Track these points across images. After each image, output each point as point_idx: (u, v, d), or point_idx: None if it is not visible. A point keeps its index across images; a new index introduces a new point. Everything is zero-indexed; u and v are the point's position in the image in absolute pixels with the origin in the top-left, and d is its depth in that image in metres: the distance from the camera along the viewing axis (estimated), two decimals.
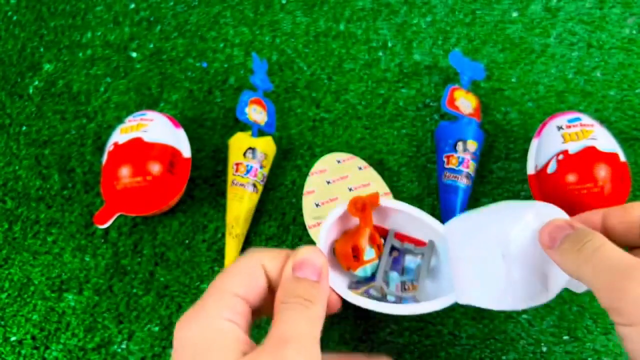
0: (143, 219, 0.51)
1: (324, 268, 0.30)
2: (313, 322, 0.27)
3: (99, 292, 0.48)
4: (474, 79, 0.53)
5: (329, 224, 0.38)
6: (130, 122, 0.49)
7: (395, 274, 0.40)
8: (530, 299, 0.35)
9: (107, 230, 0.51)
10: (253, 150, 0.49)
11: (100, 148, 0.55)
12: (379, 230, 0.41)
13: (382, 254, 0.39)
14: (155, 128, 0.49)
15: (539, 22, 0.58)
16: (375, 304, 0.36)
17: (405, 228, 0.41)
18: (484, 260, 0.36)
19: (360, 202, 0.38)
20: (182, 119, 0.55)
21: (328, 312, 0.31)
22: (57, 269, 0.49)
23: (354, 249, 0.38)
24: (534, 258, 0.34)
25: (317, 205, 0.46)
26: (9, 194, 0.53)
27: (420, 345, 0.44)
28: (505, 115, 0.53)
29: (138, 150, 0.47)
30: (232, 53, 0.59)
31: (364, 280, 0.39)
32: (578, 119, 0.46)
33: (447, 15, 0.59)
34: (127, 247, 0.50)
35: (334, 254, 0.40)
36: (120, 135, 0.48)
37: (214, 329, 0.26)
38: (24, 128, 0.56)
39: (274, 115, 0.53)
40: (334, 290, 0.35)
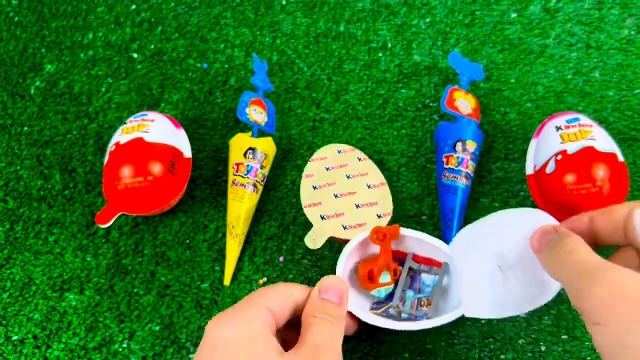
0: (144, 219, 0.51)
1: (345, 294, 0.35)
2: (338, 335, 0.32)
3: (100, 291, 0.48)
4: (473, 80, 0.53)
5: (351, 248, 0.42)
6: (132, 122, 0.50)
7: (412, 292, 0.44)
8: (530, 303, 0.37)
9: (108, 230, 0.51)
10: (253, 151, 0.49)
11: (102, 148, 0.55)
12: (399, 254, 0.45)
13: (399, 278, 0.43)
14: (156, 128, 0.49)
15: (538, 22, 0.58)
16: (391, 323, 0.40)
17: (422, 251, 0.44)
18: (483, 273, 0.39)
19: (382, 233, 0.42)
20: (183, 120, 0.55)
21: (345, 333, 0.35)
22: (58, 269, 0.50)
23: (370, 273, 0.42)
24: (530, 264, 0.36)
25: (314, 188, 0.47)
26: (11, 194, 0.54)
27: (419, 345, 0.44)
28: (504, 116, 0.53)
29: (139, 151, 0.47)
30: (232, 54, 0.59)
31: (384, 300, 0.43)
32: (577, 120, 0.47)
33: (446, 16, 0.59)
34: (128, 246, 0.50)
35: (356, 274, 0.44)
36: (122, 136, 0.49)
37: (252, 329, 0.29)
38: (26, 128, 0.57)
39: (274, 116, 0.53)
40: (353, 315, 0.39)
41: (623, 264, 0.30)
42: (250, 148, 0.49)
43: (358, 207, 0.46)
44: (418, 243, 0.44)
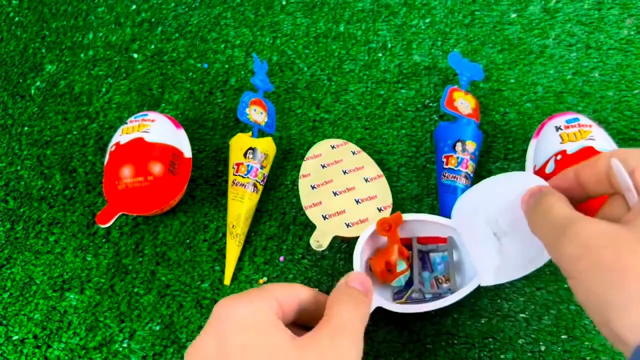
0: (144, 219, 0.51)
1: (371, 287, 0.35)
2: (362, 319, 0.31)
3: (101, 291, 0.48)
4: (473, 80, 0.53)
5: (361, 245, 0.43)
6: (132, 122, 0.50)
7: (427, 273, 0.45)
8: (530, 263, 0.39)
9: (108, 230, 0.51)
10: (253, 151, 0.49)
11: (102, 148, 0.55)
12: (403, 240, 0.46)
13: (412, 264, 0.45)
14: (157, 128, 0.49)
15: (538, 23, 0.58)
16: (424, 306, 0.41)
17: (426, 232, 0.46)
18: (484, 241, 0.40)
19: (387, 223, 0.43)
20: (183, 120, 0.56)
21: None
22: (58, 269, 0.50)
23: (387, 264, 0.43)
24: (523, 227, 0.37)
25: (313, 188, 0.48)
26: (11, 194, 0.54)
27: (419, 345, 0.44)
28: (504, 116, 0.54)
29: (139, 151, 0.47)
30: (232, 54, 0.59)
31: (404, 288, 0.44)
32: (576, 120, 0.47)
33: (446, 17, 0.59)
34: (128, 246, 0.50)
35: (370, 271, 0.45)
36: (122, 136, 0.49)
37: (264, 313, 0.28)
38: (26, 128, 0.57)
39: (274, 116, 0.53)
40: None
41: (614, 212, 0.30)
42: (251, 148, 0.49)
43: (358, 202, 0.47)
44: (421, 225, 0.45)
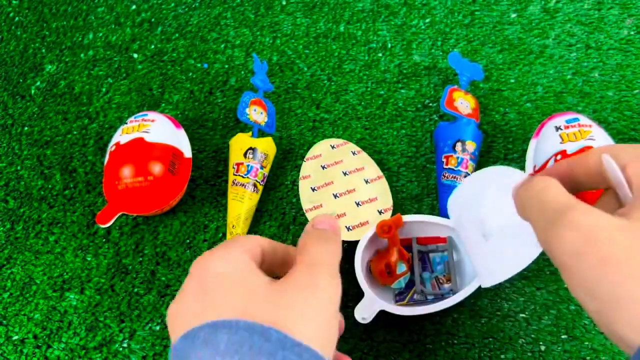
0: (144, 219, 0.51)
1: (338, 227, 0.33)
2: (333, 254, 0.30)
3: (101, 291, 0.48)
4: (473, 80, 0.53)
5: (362, 247, 0.44)
6: (132, 122, 0.50)
7: (427, 274, 0.45)
8: (522, 260, 0.38)
9: (108, 230, 0.51)
10: (254, 151, 0.49)
11: (102, 148, 0.55)
12: (403, 241, 0.46)
13: (412, 265, 0.45)
14: (157, 128, 0.49)
15: (538, 23, 0.58)
16: (426, 308, 0.41)
17: (425, 232, 0.46)
18: (478, 241, 0.41)
19: (387, 225, 0.43)
20: (183, 120, 0.56)
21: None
22: (58, 269, 0.50)
23: (387, 266, 0.43)
24: (511, 225, 0.37)
25: (313, 190, 0.48)
26: (11, 194, 0.54)
27: (419, 345, 0.44)
28: (504, 116, 0.54)
29: (139, 151, 0.47)
30: (232, 54, 0.59)
31: (405, 290, 0.45)
32: (576, 120, 0.47)
33: (446, 17, 0.59)
34: (128, 246, 0.50)
35: (370, 272, 0.45)
36: (122, 136, 0.49)
37: (240, 262, 0.28)
38: (26, 128, 0.57)
39: (274, 116, 0.53)
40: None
41: (609, 206, 0.28)
42: (251, 148, 0.49)
43: (358, 205, 0.47)
44: (421, 225, 0.45)
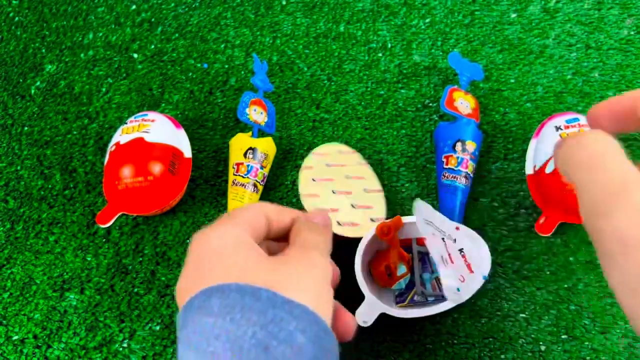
0: (144, 219, 0.51)
1: (330, 222, 0.34)
2: (325, 243, 0.32)
3: (101, 291, 0.48)
4: (473, 80, 0.53)
5: (361, 251, 0.44)
6: (132, 122, 0.50)
7: (427, 274, 0.46)
8: (469, 289, 0.40)
9: (108, 230, 0.51)
10: (253, 151, 0.49)
11: (102, 148, 0.55)
12: (403, 242, 0.46)
13: (412, 266, 0.45)
14: (157, 128, 0.49)
15: (538, 23, 0.58)
16: (422, 311, 0.42)
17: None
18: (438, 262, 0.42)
19: (386, 227, 0.44)
20: (183, 120, 0.56)
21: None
22: (58, 269, 0.50)
23: (387, 268, 0.44)
24: (453, 261, 0.40)
25: (313, 180, 0.48)
26: (11, 194, 0.54)
27: (419, 345, 0.44)
28: (504, 116, 0.54)
29: (139, 151, 0.47)
30: (232, 54, 0.59)
31: (405, 291, 0.45)
32: (576, 120, 0.47)
33: (446, 17, 0.59)
34: (128, 246, 0.50)
35: (370, 274, 0.45)
36: (122, 136, 0.49)
37: (236, 237, 0.28)
38: (26, 128, 0.57)
39: (274, 116, 0.53)
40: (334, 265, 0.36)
41: None
42: (251, 148, 0.49)
43: (354, 207, 0.47)
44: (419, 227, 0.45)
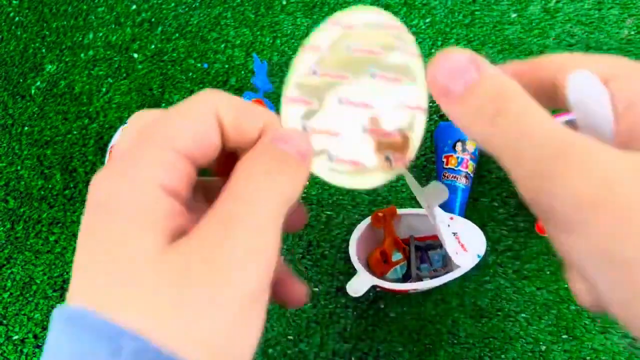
0: None
1: (309, 157, 0.21)
2: (284, 198, 0.19)
3: None
4: None
5: (356, 237, 0.44)
6: None
7: (426, 266, 0.47)
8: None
9: None
10: None
11: (102, 148, 0.55)
12: (402, 241, 0.47)
13: (409, 257, 0.46)
14: None
15: (538, 23, 0.58)
16: (411, 285, 0.43)
17: (424, 230, 0.48)
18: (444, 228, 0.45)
19: (381, 214, 0.44)
20: None
21: (292, 229, 0.24)
22: (59, 268, 0.50)
23: (382, 254, 0.44)
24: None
25: (313, 73, 0.25)
26: (12, 194, 0.54)
27: (420, 344, 0.44)
28: None
29: None
30: (232, 54, 0.59)
31: (401, 280, 0.46)
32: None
33: (446, 17, 0.59)
34: None
35: (368, 265, 0.46)
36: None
37: (138, 200, 0.18)
38: (26, 128, 0.57)
39: None
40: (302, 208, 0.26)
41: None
42: None
43: (364, 131, 0.24)
44: (418, 221, 0.47)
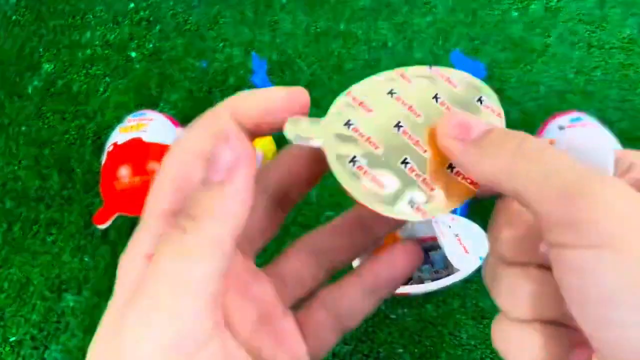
0: None
1: (246, 168, 0.16)
2: (189, 261, 0.15)
3: (99, 292, 0.48)
4: None
5: None
6: (130, 122, 0.49)
7: (427, 267, 0.47)
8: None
9: (106, 231, 0.50)
10: None
11: (100, 148, 0.54)
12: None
13: None
14: (155, 128, 0.49)
15: (540, 21, 0.58)
16: (424, 287, 0.43)
17: (426, 231, 0.47)
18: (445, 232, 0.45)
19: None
20: (181, 119, 0.55)
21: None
22: (56, 269, 0.49)
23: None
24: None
25: (347, 126, 0.20)
26: (9, 194, 0.53)
27: (421, 346, 0.44)
28: (507, 115, 0.53)
29: (137, 150, 0.47)
30: (231, 53, 0.59)
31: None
32: (579, 119, 0.46)
33: (447, 15, 0.59)
34: (126, 247, 0.50)
35: None
36: (120, 135, 0.48)
37: (136, 276, 0.17)
38: (24, 128, 0.56)
39: None
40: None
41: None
42: None
43: (406, 164, 0.19)
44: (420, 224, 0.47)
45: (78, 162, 0.54)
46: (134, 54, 0.59)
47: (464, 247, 0.42)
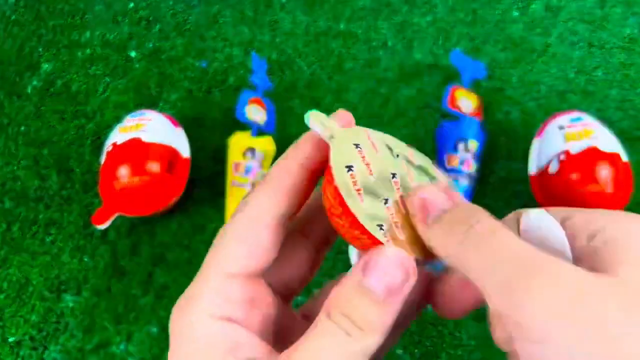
0: (142, 220, 0.51)
1: (407, 283, 0.19)
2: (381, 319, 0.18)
3: (98, 292, 0.48)
4: (475, 79, 0.53)
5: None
6: (129, 121, 0.49)
7: (427, 267, 0.45)
8: None
9: (105, 231, 0.50)
10: (252, 150, 0.49)
11: (99, 148, 0.54)
12: None
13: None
14: (154, 128, 0.49)
15: (540, 21, 0.58)
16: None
17: None
18: None
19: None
20: (181, 119, 0.55)
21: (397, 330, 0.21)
22: (55, 270, 0.49)
23: None
24: None
25: (348, 169, 0.21)
26: (8, 194, 0.53)
27: (421, 346, 0.44)
28: (507, 115, 0.53)
29: (137, 150, 0.47)
30: (231, 52, 0.59)
31: None
32: (580, 119, 0.46)
33: (447, 15, 0.59)
34: (125, 247, 0.50)
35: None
36: (119, 135, 0.48)
37: (203, 334, 0.19)
38: (23, 128, 0.56)
39: (274, 115, 0.52)
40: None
41: None
42: (250, 148, 0.49)
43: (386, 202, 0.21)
44: None
45: (77, 162, 0.54)
46: (134, 54, 0.59)
47: None
